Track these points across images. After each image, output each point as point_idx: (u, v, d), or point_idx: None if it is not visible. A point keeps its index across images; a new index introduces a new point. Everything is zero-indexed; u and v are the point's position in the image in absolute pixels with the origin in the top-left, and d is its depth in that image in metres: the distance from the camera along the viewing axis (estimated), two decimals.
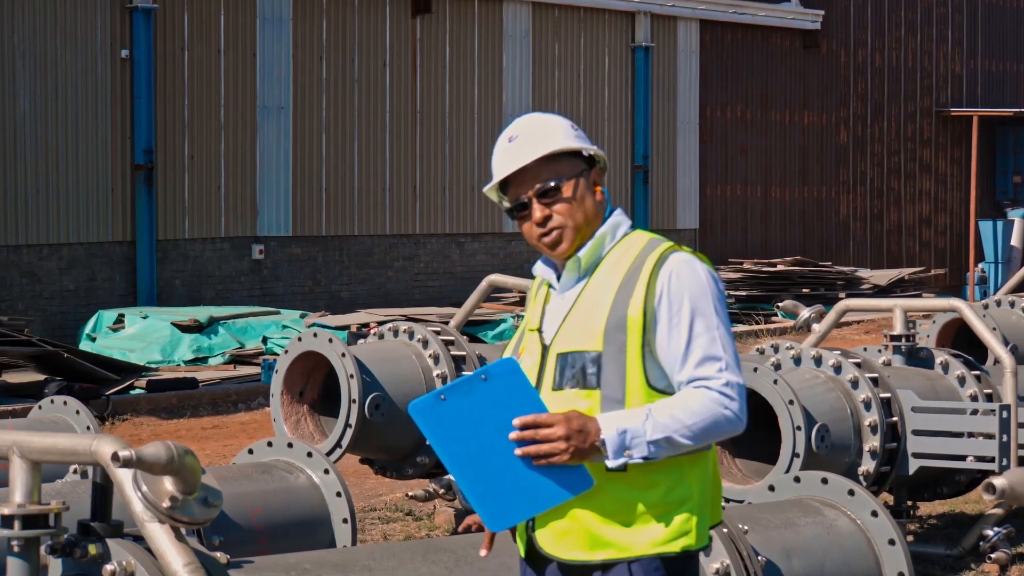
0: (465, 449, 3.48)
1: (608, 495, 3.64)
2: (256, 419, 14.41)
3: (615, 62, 24.97)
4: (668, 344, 3.65)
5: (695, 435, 3.59)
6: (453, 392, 3.49)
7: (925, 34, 29.97)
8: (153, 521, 3.47)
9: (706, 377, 3.64)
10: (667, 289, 3.68)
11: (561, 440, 3.50)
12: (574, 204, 3.78)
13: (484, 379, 3.49)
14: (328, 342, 7.96)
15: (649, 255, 3.72)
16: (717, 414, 3.62)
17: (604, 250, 3.80)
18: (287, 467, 6.36)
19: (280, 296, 20.79)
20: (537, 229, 3.79)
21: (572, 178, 3.79)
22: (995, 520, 8.26)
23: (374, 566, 4.52)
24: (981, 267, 26.43)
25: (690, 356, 3.64)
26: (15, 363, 14.90)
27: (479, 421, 3.48)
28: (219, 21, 20.19)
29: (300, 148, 21.07)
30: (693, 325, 3.66)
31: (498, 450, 3.48)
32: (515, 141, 3.85)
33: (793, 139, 27.74)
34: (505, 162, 3.84)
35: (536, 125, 3.88)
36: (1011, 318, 10.69)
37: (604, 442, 3.55)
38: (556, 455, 3.50)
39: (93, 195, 19.01)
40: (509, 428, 3.49)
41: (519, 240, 23.56)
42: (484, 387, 3.49)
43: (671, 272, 3.69)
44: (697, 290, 3.69)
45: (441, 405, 3.47)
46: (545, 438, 3.50)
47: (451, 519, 9.44)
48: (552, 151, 3.79)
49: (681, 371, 3.66)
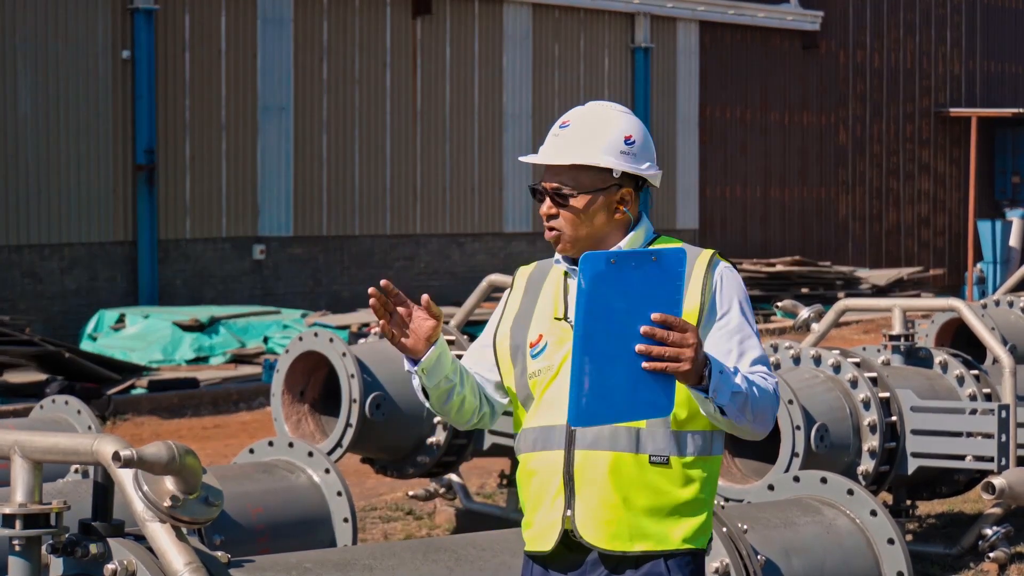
0: (598, 324, 3.29)
1: (650, 488, 3.68)
2: (257, 419, 14.42)
3: (615, 63, 24.98)
4: (719, 344, 3.69)
5: (756, 408, 3.60)
6: (623, 260, 3.31)
7: (924, 35, 29.98)
8: (154, 520, 3.49)
9: (764, 373, 3.71)
10: (720, 290, 3.74)
11: (689, 348, 3.35)
12: (580, 217, 3.76)
13: (655, 259, 3.33)
14: (329, 342, 7.97)
15: (697, 257, 3.75)
16: (772, 403, 3.67)
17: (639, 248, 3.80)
18: (288, 466, 6.37)
19: (281, 296, 20.80)
20: (544, 219, 3.82)
21: (589, 193, 3.76)
22: (994, 519, 8.27)
23: (375, 565, 4.53)
24: (980, 267, 26.44)
25: (747, 353, 3.71)
26: (16, 363, 14.91)
27: (625, 299, 3.31)
28: (220, 22, 20.21)
29: (301, 148, 21.08)
30: (743, 326, 3.73)
31: (622, 337, 3.31)
32: (563, 131, 3.79)
33: (792, 140, 27.74)
34: (546, 148, 3.82)
35: (589, 124, 3.79)
36: (1010, 318, 10.70)
37: (710, 370, 3.46)
38: (677, 362, 3.34)
39: (94, 195, 19.03)
40: (641, 316, 3.32)
41: (519, 240, 23.58)
42: (650, 267, 3.32)
43: (722, 275, 3.75)
44: (742, 295, 3.79)
45: (609, 269, 3.29)
46: (676, 342, 3.34)
47: (451, 518, 9.45)
48: (576, 163, 3.75)
49: (737, 366, 3.73)
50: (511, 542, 4.88)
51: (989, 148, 30.83)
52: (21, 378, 14.70)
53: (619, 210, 3.78)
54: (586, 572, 3.72)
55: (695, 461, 3.72)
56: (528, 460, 3.79)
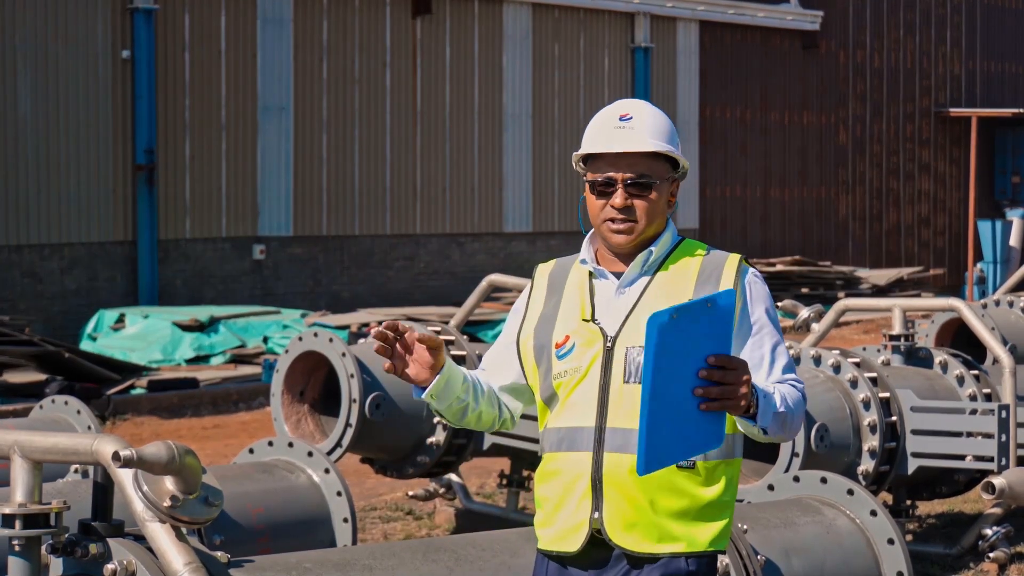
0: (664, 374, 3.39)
1: (676, 491, 3.71)
2: (257, 419, 14.42)
3: (615, 63, 24.98)
4: (751, 349, 3.76)
5: (791, 419, 3.68)
6: (684, 313, 3.41)
7: (924, 35, 29.98)
8: (154, 520, 3.49)
9: (793, 381, 3.77)
10: (750, 296, 3.79)
11: (744, 386, 3.45)
12: (654, 207, 3.80)
13: (709, 306, 3.43)
14: (328, 342, 7.97)
15: (726, 260, 3.81)
16: (801, 411, 3.73)
17: (667, 252, 3.84)
18: (288, 466, 6.37)
19: (281, 296, 20.80)
20: (611, 211, 3.79)
21: (663, 181, 3.82)
22: (994, 519, 8.27)
23: (374, 565, 4.53)
24: (980, 267, 26.44)
25: (777, 361, 3.77)
26: (16, 363, 14.91)
27: (682, 346, 3.41)
28: (220, 22, 20.21)
29: (301, 148, 21.08)
30: (772, 336, 3.79)
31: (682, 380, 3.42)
32: (629, 122, 3.80)
33: (792, 140, 27.74)
34: (611, 138, 3.80)
35: (651, 115, 3.84)
36: (1010, 318, 10.70)
37: (757, 399, 3.55)
38: (732, 400, 3.44)
39: (94, 195, 19.03)
40: (698, 359, 3.43)
41: (519, 240, 23.58)
42: (706, 314, 3.43)
43: (751, 281, 3.81)
44: (769, 302, 3.84)
45: (672, 323, 3.38)
46: (733, 380, 3.43)
47: (451, 519, 9.45)
48: (661, 150, 3.80)
49: (769, 376, 3.76)
50: (511, 542, 4.88)
51: (989, 148, 30.83)
52: (21, 378, 14.70)
53: (671, 203, 3.87)
54: (608, 568, 3.75)
55: (719, 464, 3.76)
56: (551, 460, 3.80)
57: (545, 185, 23.88)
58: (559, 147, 24.04)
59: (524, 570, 4.72)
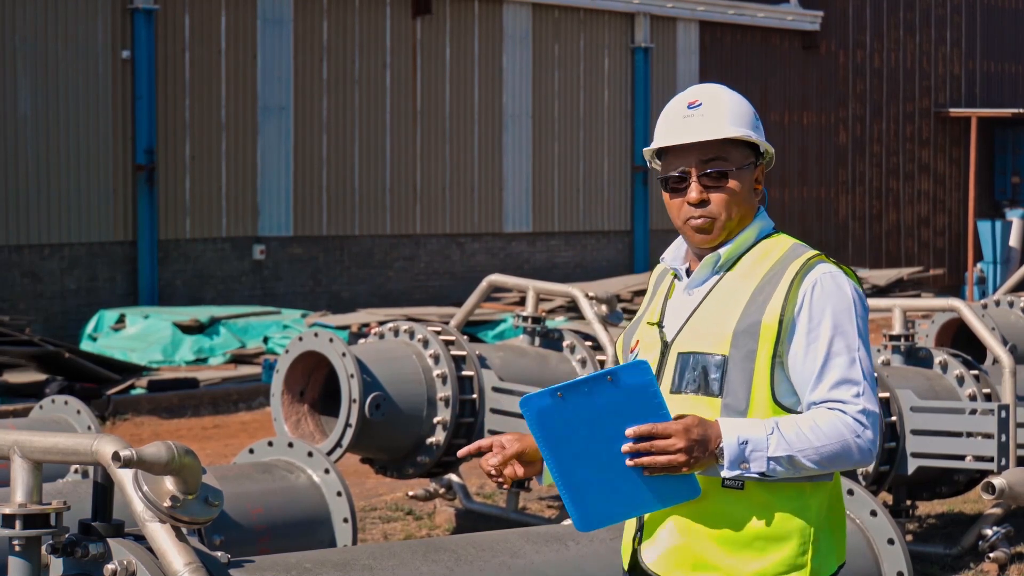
0: (570, 449, 3.24)
1: (720, 513, 3.39)
2: (257, 419, 14.42)
3: (615, 63, 24.98)
4: (803, 360, 3.39)
5: (821, 460, 3.32)
6: (573, 391, 3.23)
7: (924, 35, 29.98)
8: (154, 521, 3.49)
9: (842, 400, 3.37)
10: (809, 300, 3.41)
11: (681, 453, 3.22)
12: (735, 198, 3.49)
13: (610, 380, 3.24)
14: (328, 342, 7.97)
15: (793, 261, 3.46)
16: (848, 441, 3.34)
17: (743, 250, 3.53)
18: (288, 467, 6.37)
19: (281, 296, 20.80)
20: (688, 209, 3.51)
21: (741, 169, 3.50)
22: (994, 520, 8.27)
23: (375, 565, 4.53)
24: (980, 267, 26.44)
25: (826, 376, 3.38)
26: (16, 363, 14.91)
27: (592, 421, 3.23)
28: (220, 22, 20.21)
29: (301, 148, 21.08)
30: (833, 343, 3.39)
31: (606, 453, 3.24)
32: (697, 109, 3.49)
33: (792, 139, 27.75)
34: (679, 129, 3.51)
35: (722, 99, 3.51)
36: (1010, 318, 10.69)
37: (722, 450, 3.27)
38: (672, 467, 3.23)
39: (94, 195, 19.03)
40: (622, 431, 3.24)
41: (519, 240, 23.58)
42: (608, 388, 3.23)
43: (815, 282, 3.42)
44: (841, 306, 3.41)
45: (557, 403, 3.22)
46: (662, 449, 3.22)
47: (451, 518, 9.45)
48: (735, 136, 3.48)
49: (814, 391, 3.39)
50: (511, 542, 4.88)
51: (989, 148, 30.84)
52: (21, 378, 14.70)
53: (757, 190, 3.56)
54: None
55: (775, 485, 3.38)
56: None
57: (545, 185, 23.88)
58: (559, 147, 24.05)
59: (524, 570, 4.72)
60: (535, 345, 9.01)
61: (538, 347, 9.00)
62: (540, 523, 8.47)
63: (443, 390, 8.15)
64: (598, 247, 24.66)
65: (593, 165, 24.55)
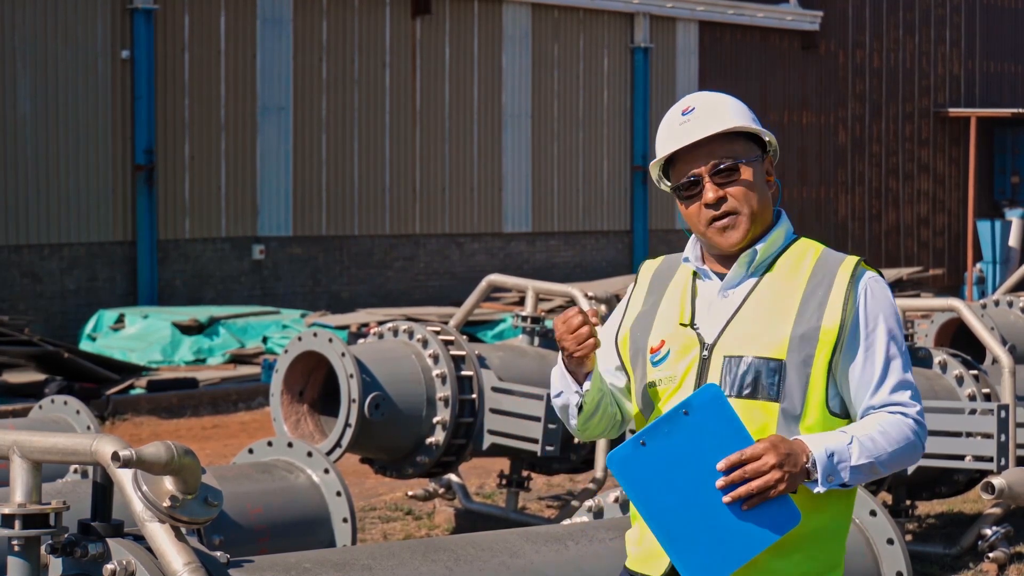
0: (663, 499, 3.16)
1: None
2: (256, 419, 14.42)
3: (614, 63, 24.98)
4: (863, 365, 3.42)
5: (891, 463, 3.38)
6: (654, 434, 3.17)
7: (923, 35, 29.98)
8: (153, 521, 3.48)
9: (902, 404, 3.43)
10: (864, 306, 3.44)
11: (775, 470, 3.19)
12: (751, 189, 3.49)
13: (686, 413, 3.19)
14: (328, 342, 7.97)
15: (840, 266, 3.47)
16: (911, 443, 3.41)
17: (777, 250, 3.53)
18: (287, 467, 6.37)
19: (280, 296, 20.80)
20: (708, 212, 3.49)
21: (750, 161, 3.52)
22: (993, 519, 8.27)
23: (374, 565, 4.52)
24: (979, 267, 26.44)
25: (887, 381, 3.42)
26: (16, 363, 14.91)
27: (677, 463, 3.17)
28: (220, 22, 20.21)
29: (300, 148, 21.08)
30: (889, 348, 3.44)
31: (699, 494, 3.17)
32: (691, 114, 3.52)
33: (792, 139, 27.75)
34: (678, 136, 3.52)
35: (714, 101, 3.55)
36: (1009, 318, 10.70)
37: (815, 463, 3.27)
38: (771, 487, 3.19)
39: (94, 195, 19.03)
40: (712, 466, 3.18)
41: (518, 240, 23.57)
42: (686, 422, 3.19)
43: (867, 288, 3.46)
44: (889, 311, 3.47)
45: (640, 452, 3.16)
46: (756, 472, 3.19)
47: (451, 518, 9.45)
48: (732, 128, 3.50)
49: (874, 395, 3.43)
50: (511, 542, 4.88)
51: (988, 148, 30.84)
52: (20, 378, 14.71)
53: (770, 182, 3.57)
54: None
55: (824, 493, 3.39)
56: None
57: (544, 185, 23.88)
58: (558, 147, 24.05)
59: (524, 570, 4.72)
60: (534, 345, 9.02)
61: (537, 347, 9.01)
62: (540, 523, 8.47)
63: (442, 390, 8.15)
64: (597, 247, 24.66)
65: (593, 165, 24.55)
